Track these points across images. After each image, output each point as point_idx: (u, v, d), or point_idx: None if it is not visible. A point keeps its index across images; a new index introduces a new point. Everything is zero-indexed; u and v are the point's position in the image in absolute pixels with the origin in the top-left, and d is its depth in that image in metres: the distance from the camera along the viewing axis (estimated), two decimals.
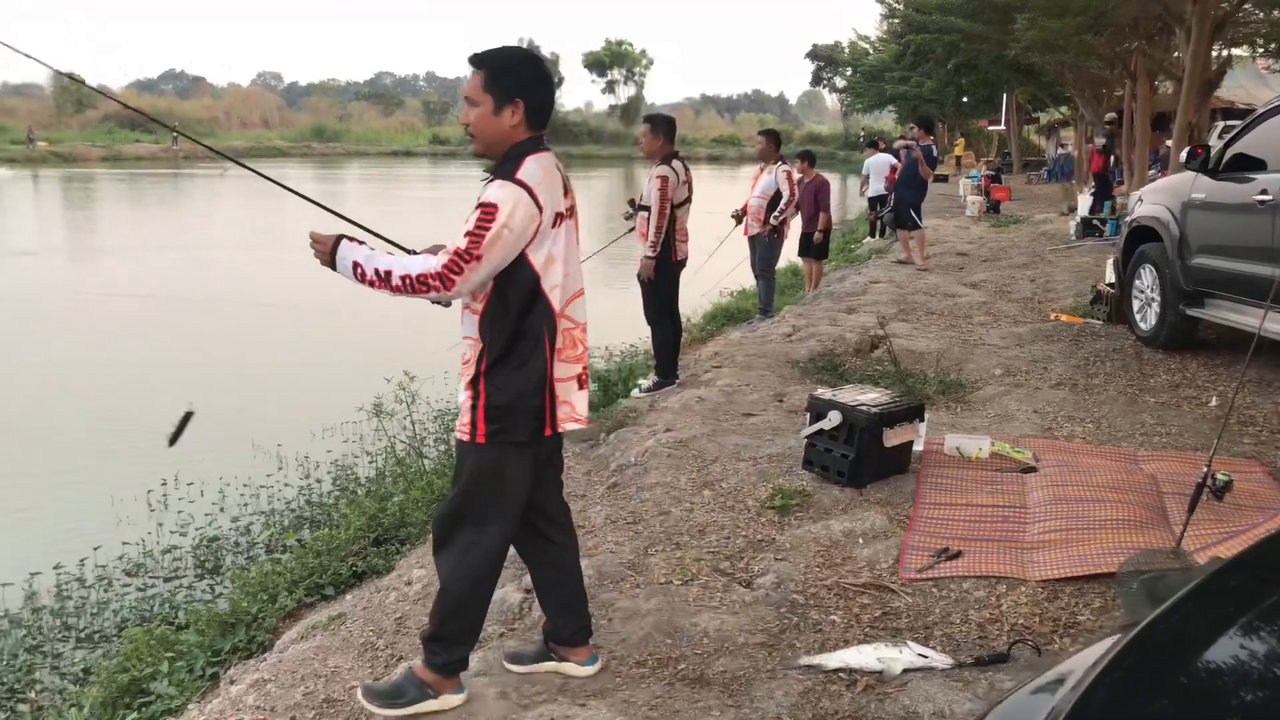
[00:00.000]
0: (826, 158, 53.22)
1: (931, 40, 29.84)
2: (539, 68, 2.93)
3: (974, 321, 8.56)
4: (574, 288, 2.93)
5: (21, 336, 12.45)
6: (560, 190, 2.86)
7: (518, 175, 2.74)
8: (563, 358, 2.89)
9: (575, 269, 2.95)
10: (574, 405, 2.93)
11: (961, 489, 4.51)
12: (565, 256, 2.87)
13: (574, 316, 2.93)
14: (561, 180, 2.89)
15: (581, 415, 2.98)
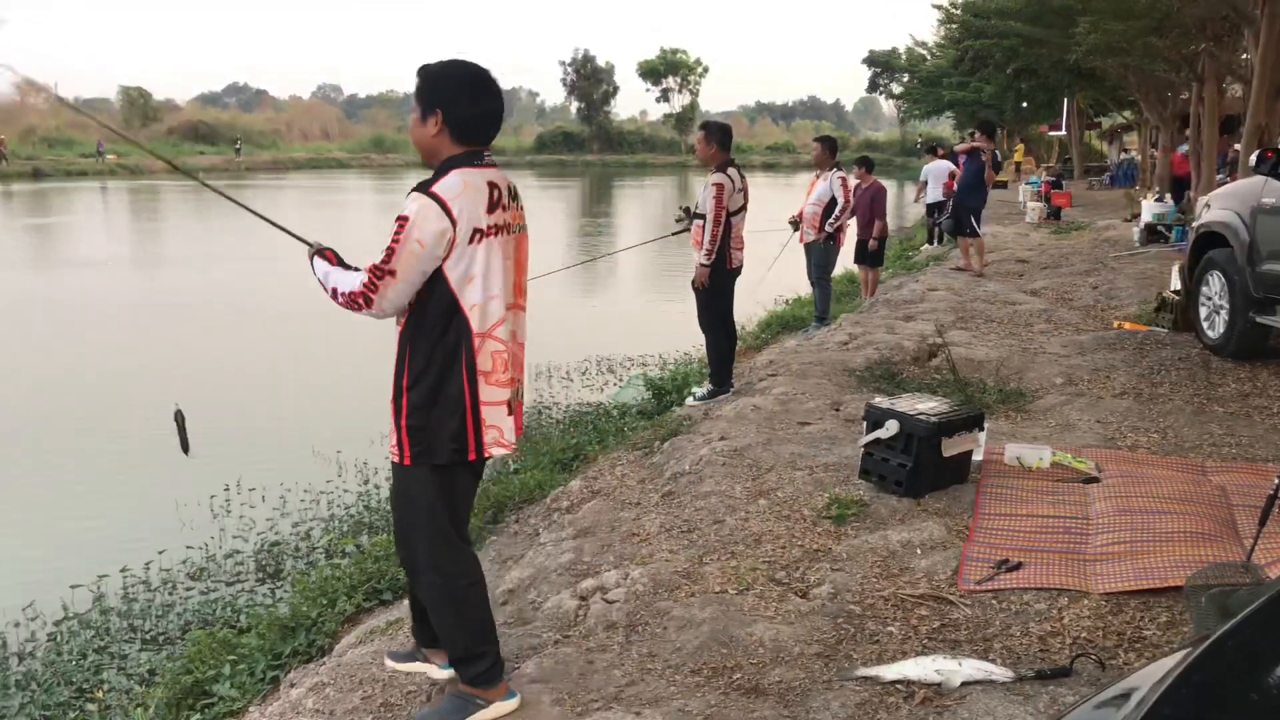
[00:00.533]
0: (883, 164, 52.61)
1: (990, 45, 29.45)
2: (467, 82, 2.87)
3: (1034, 329, 8.43)
4: (503, 307, 2.86)
5: (94, 344, 12.77)
6: (484, 206, 2.78)
7: (433, 188, 2.74)
8: (489, 380, 2.83)
9: (506, 288, 2.87)
10: (502, 430, 2.87)
11: (1022, 499, 4.44)
12: (487, 274, 2.80)
13: (502, 337, 2.86)
14: (490, 197, 2.81)
15: (509, 441, 2.91)
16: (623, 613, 3.63)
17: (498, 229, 2.83)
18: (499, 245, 2.84)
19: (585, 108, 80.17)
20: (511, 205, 2.92)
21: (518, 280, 2.97)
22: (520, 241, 2.97)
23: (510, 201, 2.91)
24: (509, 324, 2.90)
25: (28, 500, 7.28)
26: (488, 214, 2.79)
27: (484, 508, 5.52)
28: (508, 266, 2.89)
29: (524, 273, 3.02)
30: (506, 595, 4.09)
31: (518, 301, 2.97)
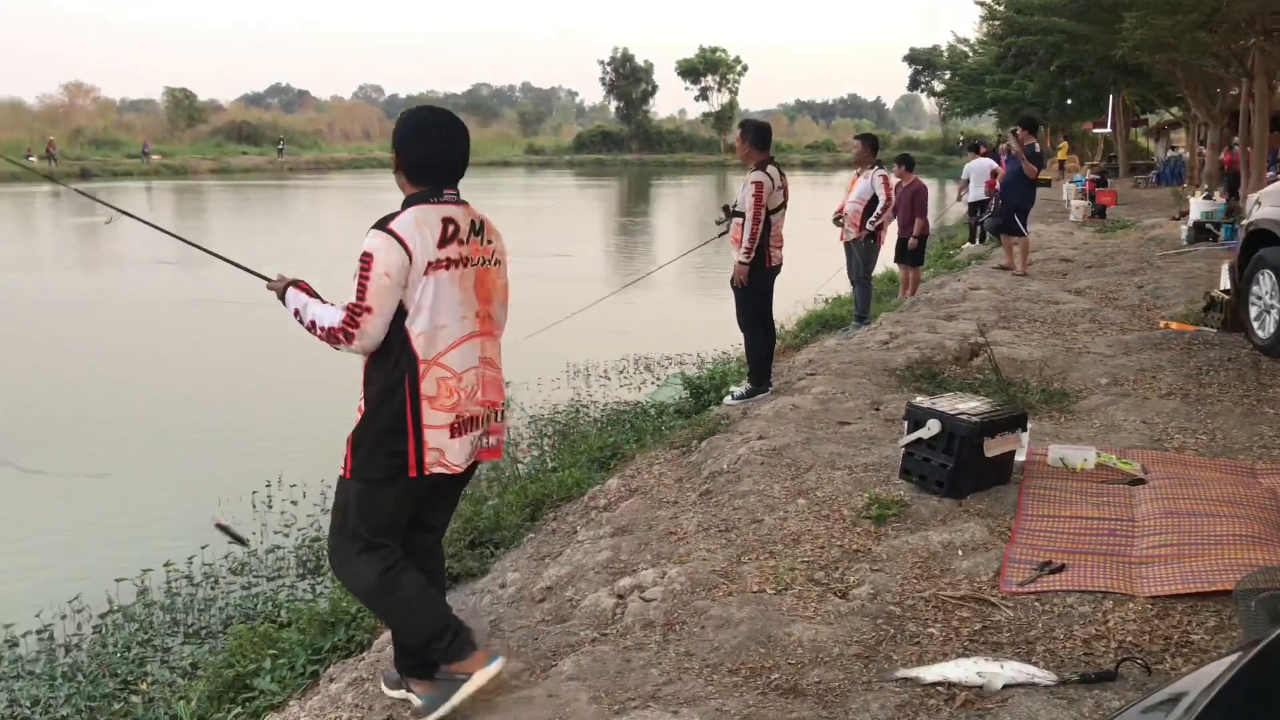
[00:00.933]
0: (924, 162, 52.23)
1: (1034, 42, 29.10)
2: (418, 128, 3.01)
3: (1078, 329, 8.31)
4: (453, 337, 2.97)
5: (147, 341, 12.97)
6: (435, 241, 2.90)
7: (389, 225, 2.89)
8: (435, 405, 2.94)
9: (459, 317, 2.98)
10: (444, 452, 2.97)
11: (1065, 501, 4.37)
12: (435, 305, 2.91)
13: (450, 365, 2.97)
14: (444, 232, 2.93)
15: (453, 462, 3.00)
16: (660, 611, 3.62)
17: (451, 262, 2.95)
18: (453, 278, 2.96)
19: (624, 107, 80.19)
20: (473, 240, 3.03)
21: (483, 309, 3.07)
22: (484, 274, 3.07)
23: (472, 236, 3.03)
24: (472, 351, 3.03)
25: (76, 494, 7.39)
26: (438, 248, 2.92)
27: (522, 505, 5.53)
28: (465, 298, 3.00)
29: (492, 302, 3.12)
30: (544, 592, 4.10)
31: (484, 329, 3.08)
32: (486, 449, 3.16)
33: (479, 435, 3.10)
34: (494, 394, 3.14)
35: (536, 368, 10.06)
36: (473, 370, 3.04)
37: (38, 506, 7.18)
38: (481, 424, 3.09)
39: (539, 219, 30.44)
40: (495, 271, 3.13)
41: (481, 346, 3.07)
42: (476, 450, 3.11)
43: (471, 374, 3.03)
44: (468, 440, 3.04)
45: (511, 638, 3.70)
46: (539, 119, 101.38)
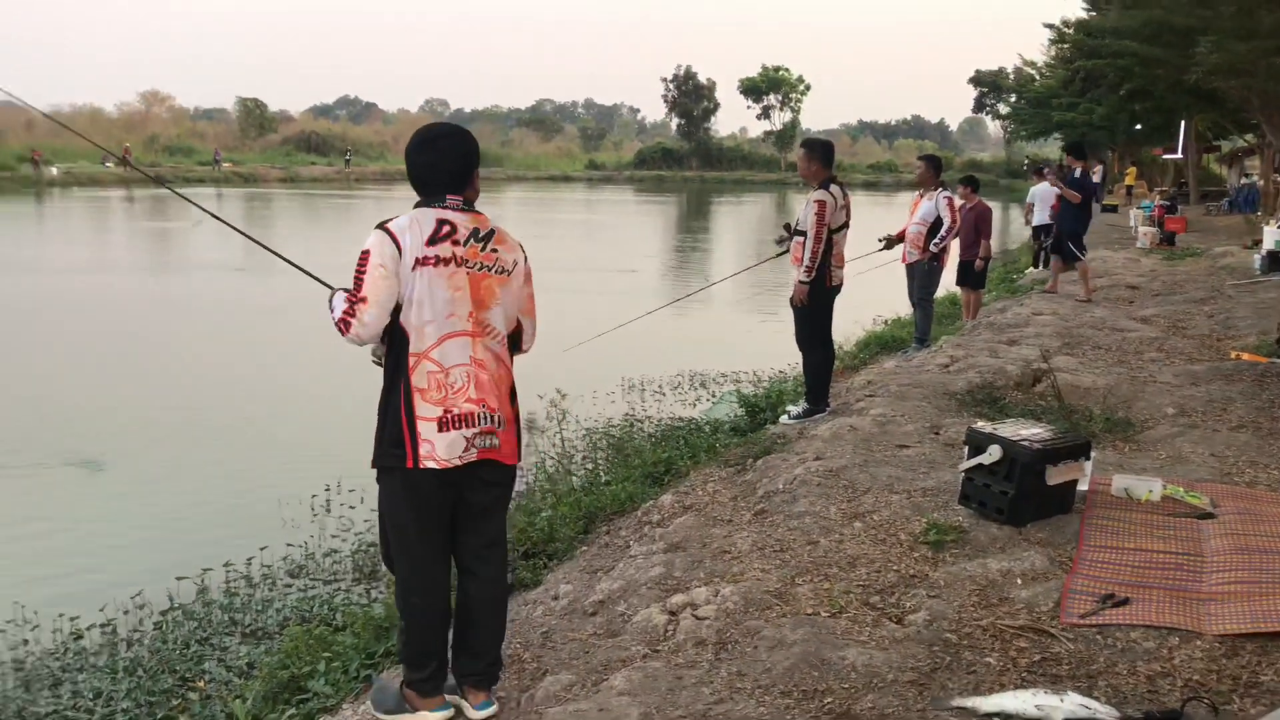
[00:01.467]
0: (988, 185, 51.45)
1: (1103, 65, 28.70)
2: (415, 144, 3.20)
3: (1145, 358, 8.15)
4: (440, 332, 3.07)
5: (217, 344, 13.24)
6: (424, 238, 3.04)
7: (386, 224, 3.08)
8: (425, 398, 3.06)
9: (447, 314, 3.08)
10: (434, 445, 3.06)
11: (1129, 533, 4.28)
12: (424, 300, 3.04)
13: (440, 360, 3.08)
14: (436, 231, 3.06)
15: (442, 457, 3.06)
16: (713, 630, 3.60)
17: (441, 260, 3.06)
18: (441, 274, 3.06)
19: (685, 124, 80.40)
20: (472, 244, 3.13)
21: (476, 313, 3.14)
22: (480, 278, 3.14)
23: (472, 241, 3.13)
24: (461, 349, 3.11)
25: (142, 492, 7.55)
26: (427, 245, 3.05)
27: (575, 517, 5.54)
28: (454, 297, 3.09)
29: (489, 308, 3.17)
30: (596, 606, 4.10)
31: (476, 330, 3.14)
32: (489, 449, 3.17)
33: (476, 434, 3.12)
34: (489, 396, 3.16)
35: (591, 381, 10.08)
36: (461, 367, 3.11)
37: (107, 505, 7.34)
38: (477, 422, 3.12)
39: (601, 233, 30.60)
40: (498, 280, 3.19)
41: (471, 346, 3.13)
42: (477, 450, 3.13)
43: (460, 370, 3.10)
44: (459, 436, 3.09)
45: (563, 650, 3.71)
46: (600, 135, 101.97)
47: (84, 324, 14.43)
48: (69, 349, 12.79)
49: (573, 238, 28.77)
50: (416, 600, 3.23)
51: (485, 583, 3.33)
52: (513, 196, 51.04)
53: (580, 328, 11.76)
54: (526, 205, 45.19)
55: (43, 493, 7.53)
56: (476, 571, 3.31)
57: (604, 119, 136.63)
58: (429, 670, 3.28)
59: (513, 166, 73.39)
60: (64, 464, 8.13)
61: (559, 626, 3.96)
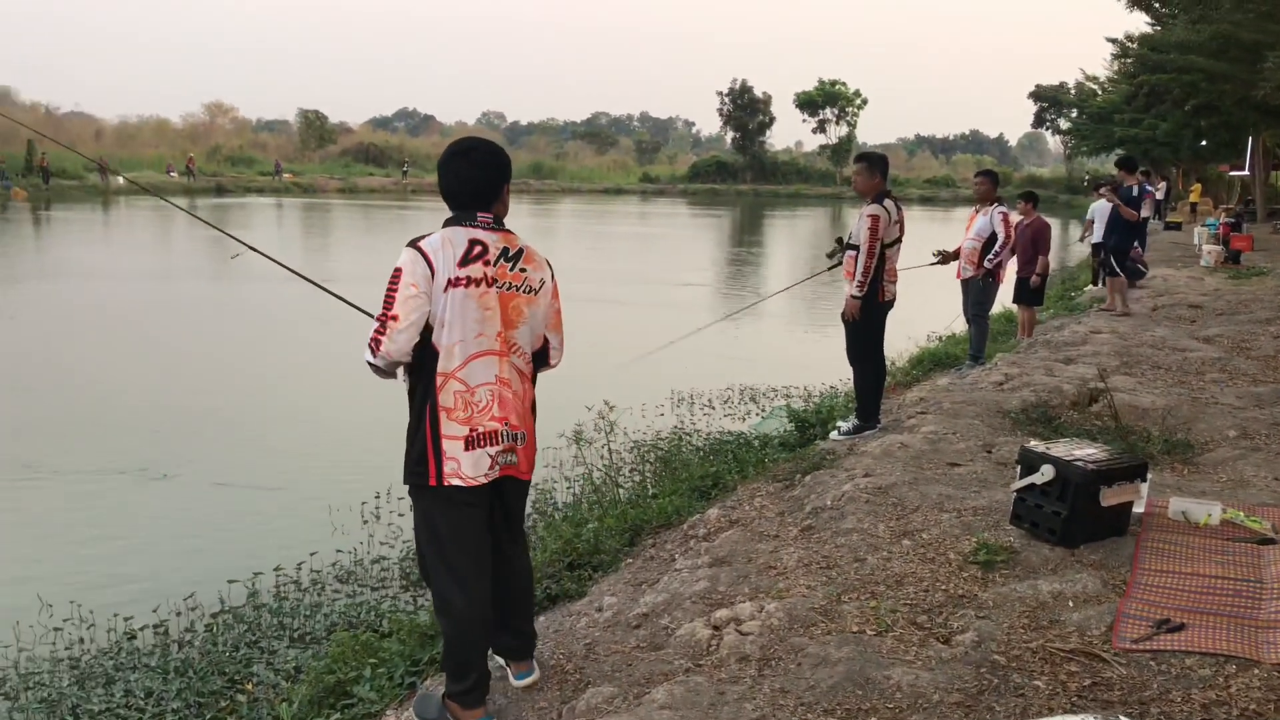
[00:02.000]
0: (1047, 201, 50.75)
1: (1168, 80, 28.21)
2: (448, 158, 3.22)
3: (1206, 378, 7.96)
4: (468, 351, 3.10)
5: (270, 352, 13.46)
6: (457, 259, 3.07)
7: (419, 242, 3.10)
8: (451, 417, 3.10)
9: (475, 334, 3.11)
10: (459, 463, 3.10)
11: (1186, 557, 4.18)
12: (459, 320, 3.07)
13: (467, 379, 3.11)
14: (468, 252, 3.09)
15: (468, 475, 3.12)
16: (756, 645, 3.57)
17: (472, 280, 3.09)
18: (472, 295, 3.10)
19: (740, 137, 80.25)
20: (501, 264, 3.16)
21: (504, 331, 3.18)
22: (509, 298, 3.18)
23: (502, 261, 3.16)
24: (487, 368, 3.15)
25: (197, 496, 7.68)
26: (459, 266, 3.08)
27: (621, 530, 5.53)
28: (486, 317, 3.13)
29: (516, 327, 3.22)
30: (640, 619, 4.09)
31: (503, 349, 3.18)
32: (510, 466, 3.24)
33: (499, 452, 3.18)
34: (512, 414, 3.21)
35: (641, 394, 10.08)
36: (486, 386, 3.14)
37: (163, 509, 7.47)
38: (500, 440, 3.17)
39: (654, 246, 30.64)
40: (526, 299, 3.23)
41: (498, 365, 3.17)
42: (499, 468, 3.20)
43: (485, 390, 3.14)
44: (484, 454, 3.14)
45: (605, 662, 3.70)
46: (655, 148, 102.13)
47: (147, 330, 14.74)
48: (134, 354, 13.08)
49: (626, 250, 28.83)
50: (455, 613, 3.27)
51: (513, 569, 3.47)
52: (567, 208, 51.33)
53: (632, 341, 11.78)
54: (581, 217, 45.41)
55: (102, 497, 7.68)
56: (502, 549, 3.41)
57: (659, 132, 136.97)
58: (470, 681, 3.32)
59: (567, 179, 73.75)
60: (123, 469, 8.29)
61: (602, 638, 3.96)
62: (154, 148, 60.41)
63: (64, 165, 48.93)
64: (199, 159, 57.38)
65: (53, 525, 7.10)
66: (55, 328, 14.62)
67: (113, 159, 52.10)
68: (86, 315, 15.77)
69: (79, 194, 46.51)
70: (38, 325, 14.77)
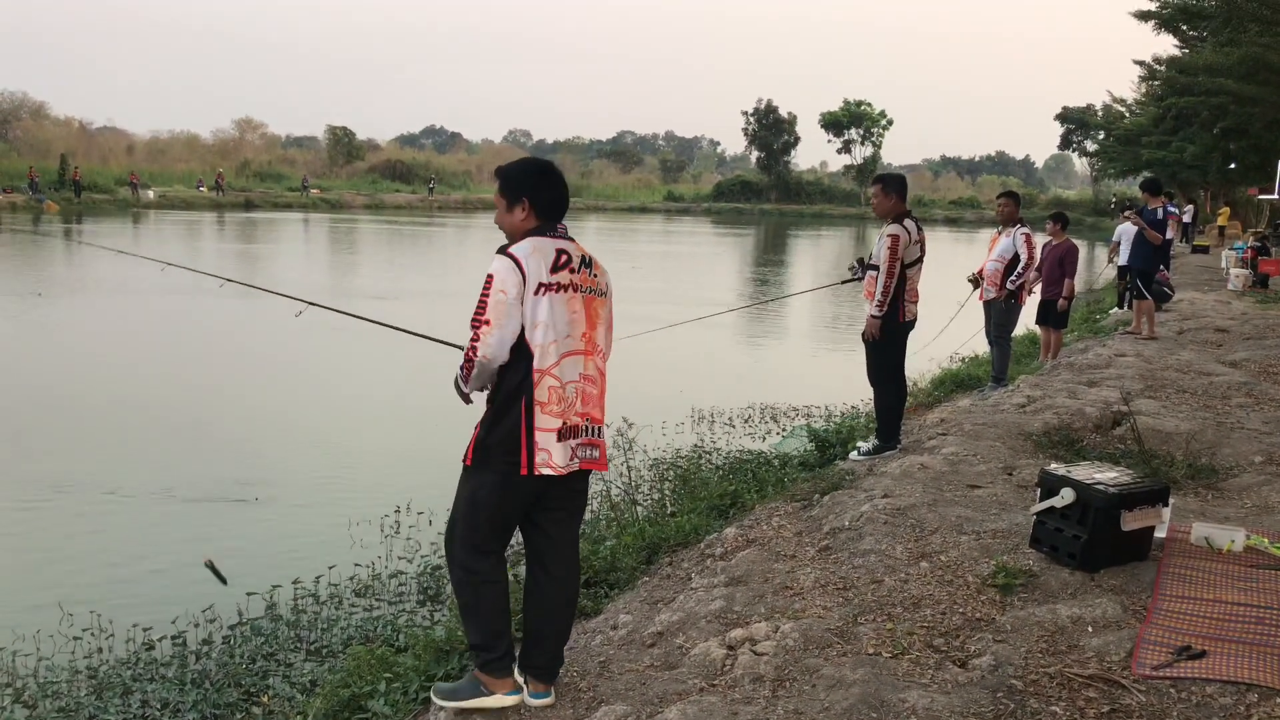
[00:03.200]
0: (1074, 223, 50.54)
1: (1196, 103, 28.06)
2: (543, 174, 3.47)
3: (1232, 403, 7.88)
4: (561, 350, 3.31)
5: (303, 375, 13.56)
6: (549, 266, 3.28)
7: (510, 250, 3.30)
8: (544, 410, 3.29)
9: (567, 335, 3.33)
10: (551, 454, 3.29)
11: (1209, 583, 4.12)
12: (552, 322, 3.28)
13: (560, 376, 3.32)
14: (556, 260, 3.31)
15: (558, 465, 3.30)
16: (771, 666, 3.55)
17: (561, 286, 3.32)
18: (562, 299, 3.32)
19: (765, 157, 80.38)
20: (582, 270, 3.41)
21: (588, 332, 3.42)
22: (591, 301, 3.43)
23: (581, 267, 3.41)
24: (575, 366, 3.37)
25: (218, 511, 7.73)
26: (551, 273, 3.30)
27: (639, 547, 5.53)
28: (574, 319, 3.36)
29: (596, 327, 3.46)
30: (654, 638, 4.07)
31: (588, 349, 3.42)
32: (590, 460, 3.45)
33: (580, 444, 3.39)
34: (593, 408, 3.45)
35: (661, 411, 10.08)
36: (574, 383, 3.37)
37: (184, 523, 7.52)
38: (582, 433, 3.40)
39: (679, 263, 30.68)
40: (600, 301, 3.48)
41: (584, 364, 3.40)
42: (579, 460, 3.39)
43: (573, 386, 3.36)
44: (569, 446, 3.35)
45: (619, 681, 3.69)
46: (680, 167, 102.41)
47: (167, 347, 14.88)
48: (154, 372, 13.20)
49: (652, 269, 28.86)
50: (491, 584, 3.45)
51: (560, 581, 3.55)
52: (592, 225, 51.48)
53: (652, 355, 11.77)
54: (606, 233, 45.51)
55: (124, 512, 7.74)
56: (553, 571, 3.54)
57: (684, 151, 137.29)
58: (502, 649, 3.50)
59: (592, 196, 74.07)
60: (147, 485, 8.36)
61: (617, 656, 3.95)
62: (184, 163, 61.18)
63: (95, 180, 49.60)
64: (228, 174, 58.02)
65: (76, 537, 7.16)
66: (76, 344, 14.80)
67: (143, 174, 52.77)
68: (108, 331, 15.94)
69: (109, 208, 47.08)
70: (48, 344, 14.96)
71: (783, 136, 79.56)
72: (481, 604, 3.48)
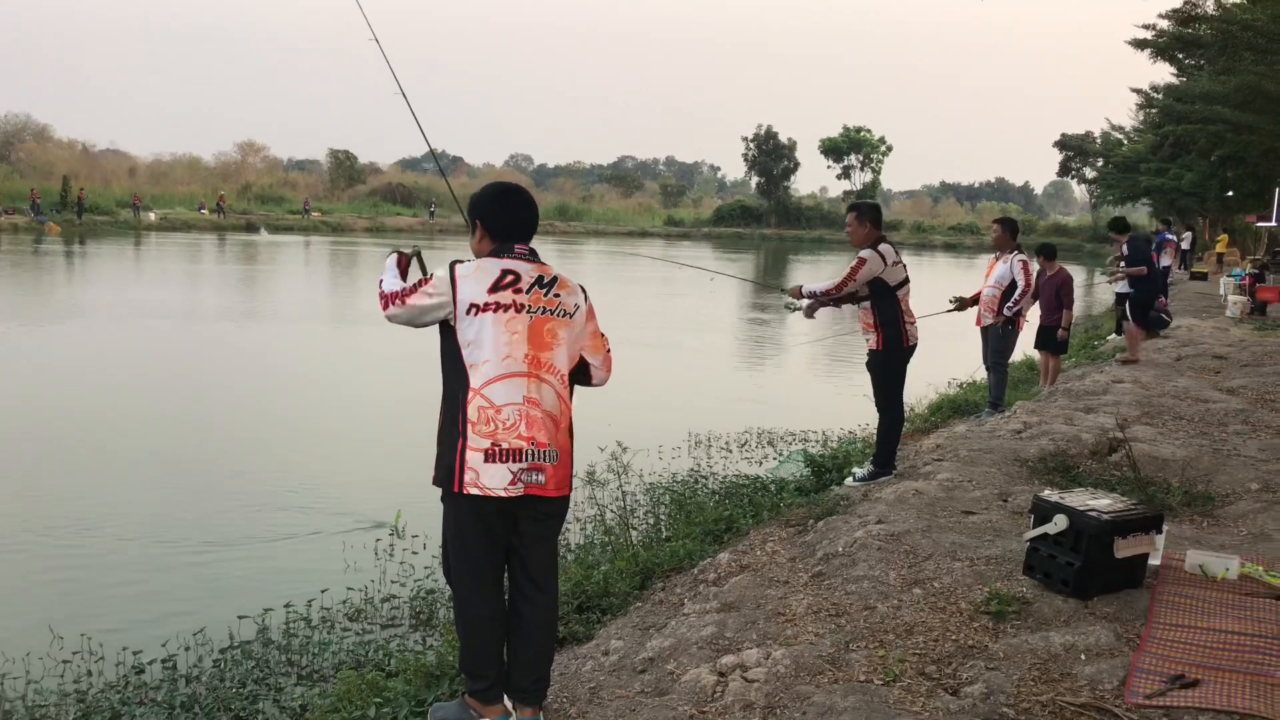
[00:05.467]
0: (1072, 250, 50.91)
1: (1194, 131, 28.19)
2: (497, 197, 3.57)
3: (1228, 430, 7.87)
4: (494, 372, 3.32)
5: (298, 395, 13.56)
6: (487, 286, 3.34)
7: (456, 264, 3.39)
8: (475, 430, 3.29)
9: (503, 356, 3.33)
10: (479, 473, 3.28)
11: (1203, 611, 4.10)
12: (481, 341, 3.32)
13: (491, 397, 3.30)
14: (498, 280, 3.36)
15: (487, 486, 3.28)
16: (762, 693, 3.53)
17: (501, 306, 3.35)
18: (500, 319, 3.34)
19: (765, 182, 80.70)
20: (535, 291, 3.42)
21: (534, 354, 3.38)
22: (541, 322, 3.41)
23: (534, 288, 3.42)
24: (514, 388, 3.34)
25: (212, 533, 7.70)
26: (489, 292, 3.34)
27: (632, 573, 5.50)
28: (513, 340, 3.34)
29: (550, 349, 3.42)
30: (645, 663, 4.05)
31: (532, 371, 3.37)
32: (535, 485, 3.35)
33: (523, 469, 3.32)
34: (539, 432, 3.36)
35: (658, 435, 10.07)
36: (513, 406, 3.33)
37: (178, 544, 7.49)
38: (525, 458, 3.33)
39: (678, 288, 30.72)
40: (561, 323, 3.46)
41: (526, 386, 3.35)
42: (524, 485, 3.33)
43: (512, 409, 3.32)
44: (505, 469, 3.30)
45: (609, 707, 3.67)
46: (680, 192, 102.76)
47: (161, 369, 14.88)
48: (147, 393, 13.20)
49: (649, 292, 28.89)
50: (473, 613, 3.49)
51: (536, 606, 3.54)
52: (591, 248, 51.60)
53: (647, 379, 11.77)
54: (607, 256, 45.61)
55: (115, 530, 7.72)
56: (528, 594, 3.52)
57: (684, 176, 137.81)
58: (489, 680, 3.52)
59: (592, 220, 74.30)
60: (140, 503, 8.34)
61: (607, 683, 3.92)
62: (186, 185, 61.42)
63: (96, 202, 49.80)
64: (230, 197, 58.23)
65: (67, 559, 7.13)
66: (64, 365, 14.81)
67: (144, 196, 52.98)
68: (97, 355, 15.96)
69: (110, 229, 47.24)
70: (37, 367, 14.97)
71: (782, 162, 79.92)
72: (468, 633, 3.53)
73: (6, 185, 50.19)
